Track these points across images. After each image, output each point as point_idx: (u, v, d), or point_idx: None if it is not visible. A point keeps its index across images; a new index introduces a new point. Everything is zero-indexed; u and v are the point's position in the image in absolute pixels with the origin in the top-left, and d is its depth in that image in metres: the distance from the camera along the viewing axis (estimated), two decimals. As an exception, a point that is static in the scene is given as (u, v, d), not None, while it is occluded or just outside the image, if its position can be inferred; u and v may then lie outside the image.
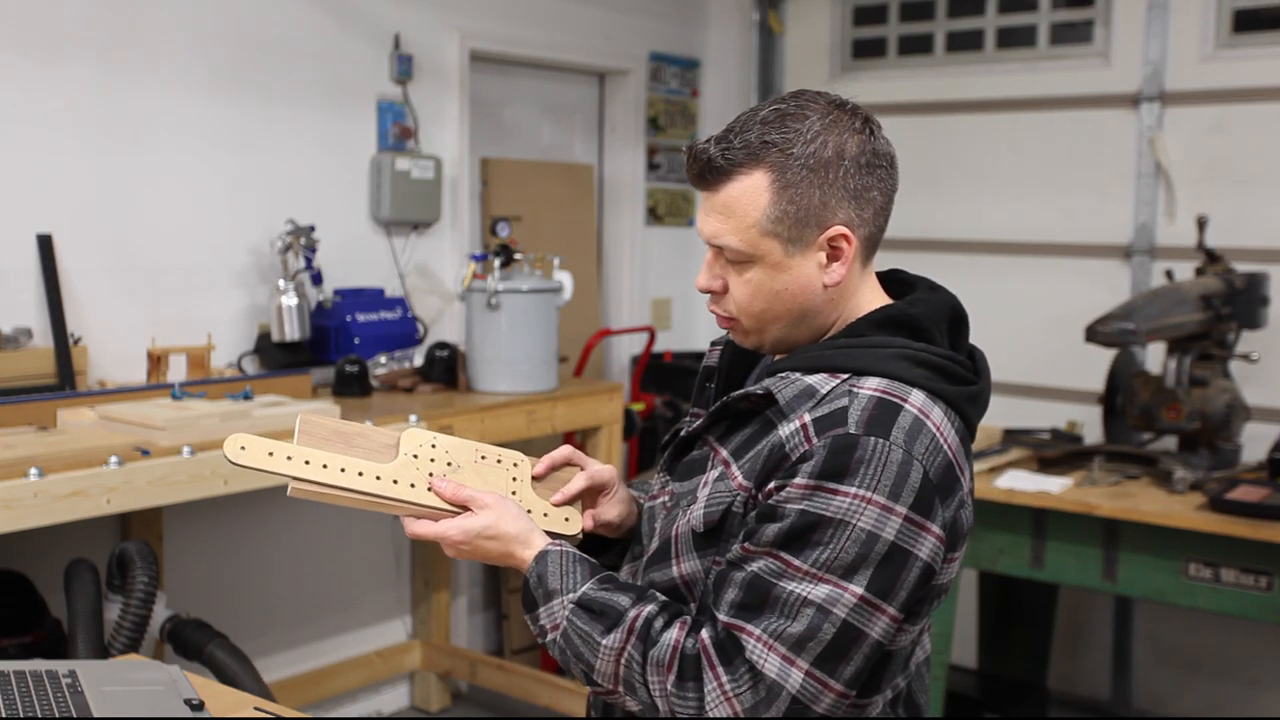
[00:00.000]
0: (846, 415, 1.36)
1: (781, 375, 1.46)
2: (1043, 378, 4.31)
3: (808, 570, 1.34)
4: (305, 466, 1.45)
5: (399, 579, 4.26)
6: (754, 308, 1.46)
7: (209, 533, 3.65)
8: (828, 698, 1.35)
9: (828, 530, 1.33)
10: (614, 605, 1.42)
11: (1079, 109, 4.26)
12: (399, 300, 3.97)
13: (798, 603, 1.33)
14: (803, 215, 1.41)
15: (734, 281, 1.46)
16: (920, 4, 4.65)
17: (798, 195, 1.41)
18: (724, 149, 1.42)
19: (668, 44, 4.99)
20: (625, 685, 1.41)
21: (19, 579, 3.01)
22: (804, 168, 1.40)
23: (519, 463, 1.58)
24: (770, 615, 1.34)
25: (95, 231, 3.37)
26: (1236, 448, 3.53)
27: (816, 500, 1.34)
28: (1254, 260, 3.80)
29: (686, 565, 1.46)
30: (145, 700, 1.65)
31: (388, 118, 4.02)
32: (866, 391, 1.39)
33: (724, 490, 1.43)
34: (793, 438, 1.38)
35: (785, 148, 1.40)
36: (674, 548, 1.47)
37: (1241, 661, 4.07)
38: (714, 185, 1.43)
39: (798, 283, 1.44)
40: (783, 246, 1.42)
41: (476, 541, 1.49)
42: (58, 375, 3.17)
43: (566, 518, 1.57)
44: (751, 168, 1.41)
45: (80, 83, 3.31)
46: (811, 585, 1.33)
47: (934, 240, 4.58)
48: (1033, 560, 3.31)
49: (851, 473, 1.33)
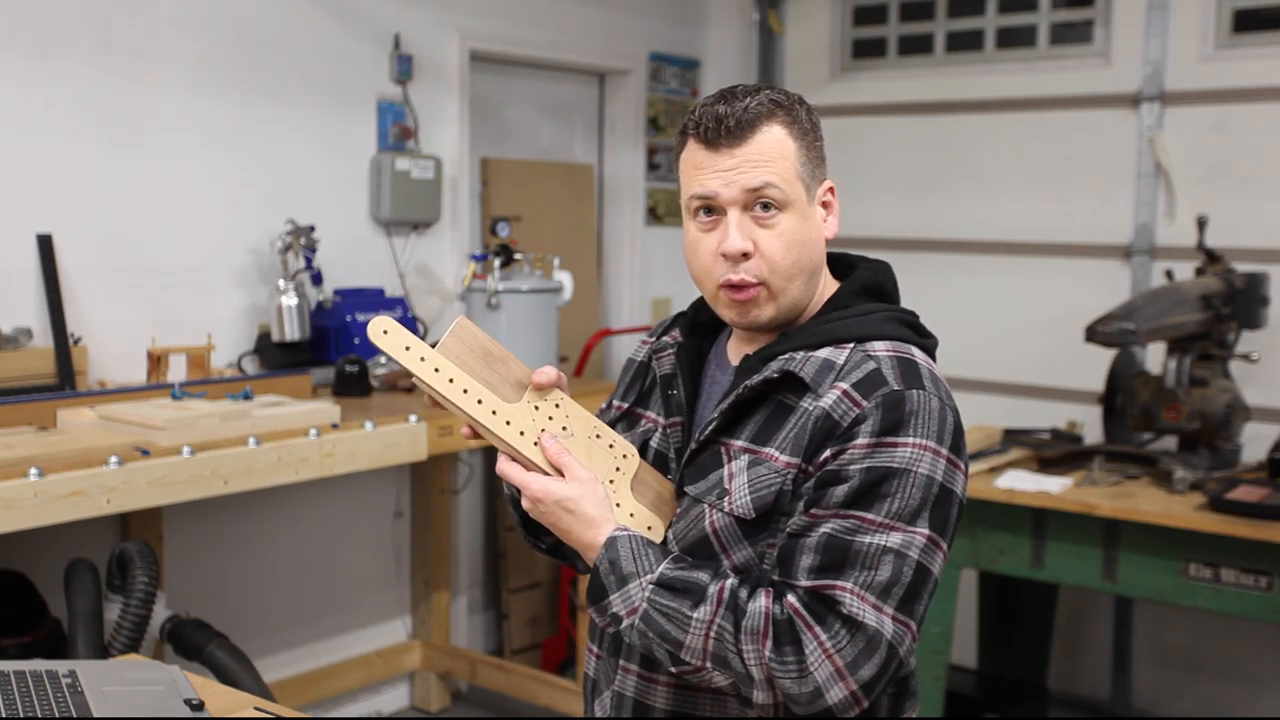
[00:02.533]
0: (883, 375, 1.45)
1: (786, 356, 1.50)
2: (1043, 378, 4.31)
3: (881, 521, 1.40)
4: (434, 374, 1.47)
5: (399, 579, 4.26)
6: (787, 260, 1.49)
7: (209, 533, 3.65)
8: (909, 639, 1.42)
9: (894, 481, 1.41)
10: (696, 581, 1.43)
11: (1079, 109, 4.26)
12: (399, 300, 3.97)
13: (877, 552, 1.39)
14: (814, 168, 1.52)
15: (764, 237, 1.48)
16: (920, 4, 4.65)
17: (809, 147, 1.52)
18: (745, 106, 1.48)
19: (668, 44, 4.99)
20: (715, 659, 1.41)
21: (19, 579, 3.01)
22: (806, 125, 1.52)
23: (629, 455, 1.57)
24: (854, 569, 1.39)
25: (95, 231, 3.37)
26: (1236, 448, 3.53)
27: (880, 455, 1.41)
28: (1254, 260, 3.80)
29: (739, 555, 1.48)
30: (145, 700, 1.65)
31: (388, 118, 4.03)
32: (883, 353, 1.48)
33: (767, 473, 1.46)
34: (838, 406, 1.44)
35: (788, 108, 1.51)
36: (716, 542, 1.48)
37: (1241, 661, 4.07)
38: (741, 138, 1.48)
39: (816, 231, 1.53)
40: (806, 194, 1.51)
41: (553, 507, 1.49)
42: (58, 375, 3.17)
43: (650, 526, 1.56)
44: (771, 121, 1.49)
45: (80, 83, 3.31)
46: (886, 535, 1.40)
47: (934, 240, 4.58)
48: (1033, 560, 3.31)
49: (906, 424, 1.42)
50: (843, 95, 4.81)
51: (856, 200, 4.75)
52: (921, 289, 4.55)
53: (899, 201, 4.67)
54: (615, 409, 1.72)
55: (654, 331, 1.76)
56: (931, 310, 5.11)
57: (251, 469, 2.87)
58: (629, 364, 1.75)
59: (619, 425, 1.69)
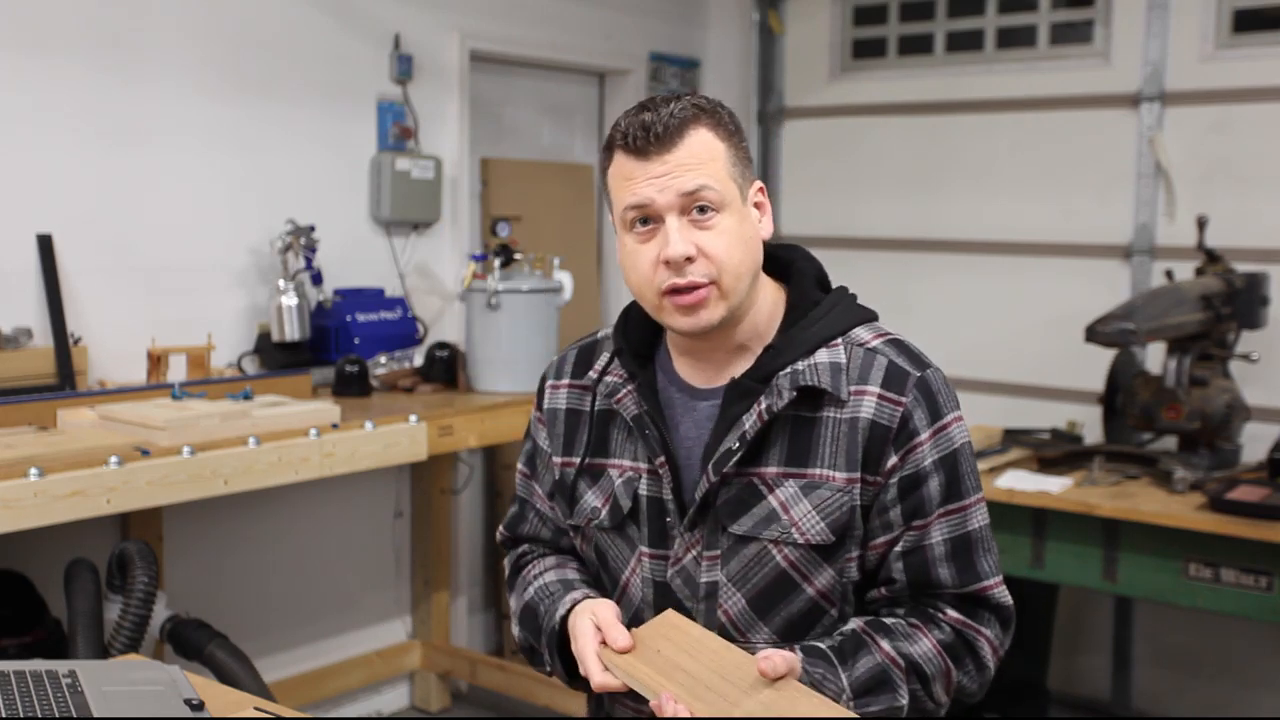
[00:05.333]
0: (898, 365, 1.50)
1: (789, 371, 1.48)
2: (1043, 378, 4.31)
3: (973, 500, 1.52)
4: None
5: (399, 579, 4.26)
6: (734, 257, 1.46)
7: (209, 533, 3.65)
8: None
9: (961, 459, 1.51)
10: (875, 670, 1.45)
11: (1079, 109, 4.26)
12: (399, 300, 3.97)
13: (983, 529, 1.53)
14: (743, 167, 1.51)
15: (706, 239, 1.45)
16: (920, 4, 4.65)
17: (737, 148, 1.50)
18: (670, 112, 1.46)
19: (668, 44, 4.99)
20: (922, 712, 1.50)
21: (19, 579, 3.01)
22: (731, 127, 1.51)
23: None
24: (980, 556, 1.52)
25: (95, 231, 3.37)
26: (1236, 448, 3.53)
27: (941, 441, 1.49)
28: (1254, 260, 3.80)
29: (821, 580, 1.49)
30: (145, 700, 1.65)
31: (388, 118, 4.02)
32: (873, 341, 1.53)
33: (831, 494, 1.47)
34: (881, 410, 1.47)
35: (712, 111, 1.50)
36: (796, 574, 1.48)
37: (1241, 661, 4.06)
38: (670, 144, 1.45)
39: (753, 230, 1.51)
40: (740, 193, 1.49)
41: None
42: (58, 375, 3.17)
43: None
44: (697, 124, 1.47)
45: (80, 83, 3.31)
46: (978, 509, 1.53)
47: (934, 240, 4.58)
48: (1033, 560, 3.31)
49: (941, 404, 1.50)
50: (843, 95, 4.81)
51: (856, 200, 4.75)
52: (921, 289, 4.61)
53: (899, 201, 4.67)
54: (562, 465, 1.62)
55: (560, 373, 1.65)
56: (931, 310, 5.09)
57: (251, 469, 2.87)
58: (553, 415, 1.63)
59: (579, 483, 1.60)
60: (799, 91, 4.95)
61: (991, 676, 1.53)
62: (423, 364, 3.78)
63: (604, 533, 1.58)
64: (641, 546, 1.55)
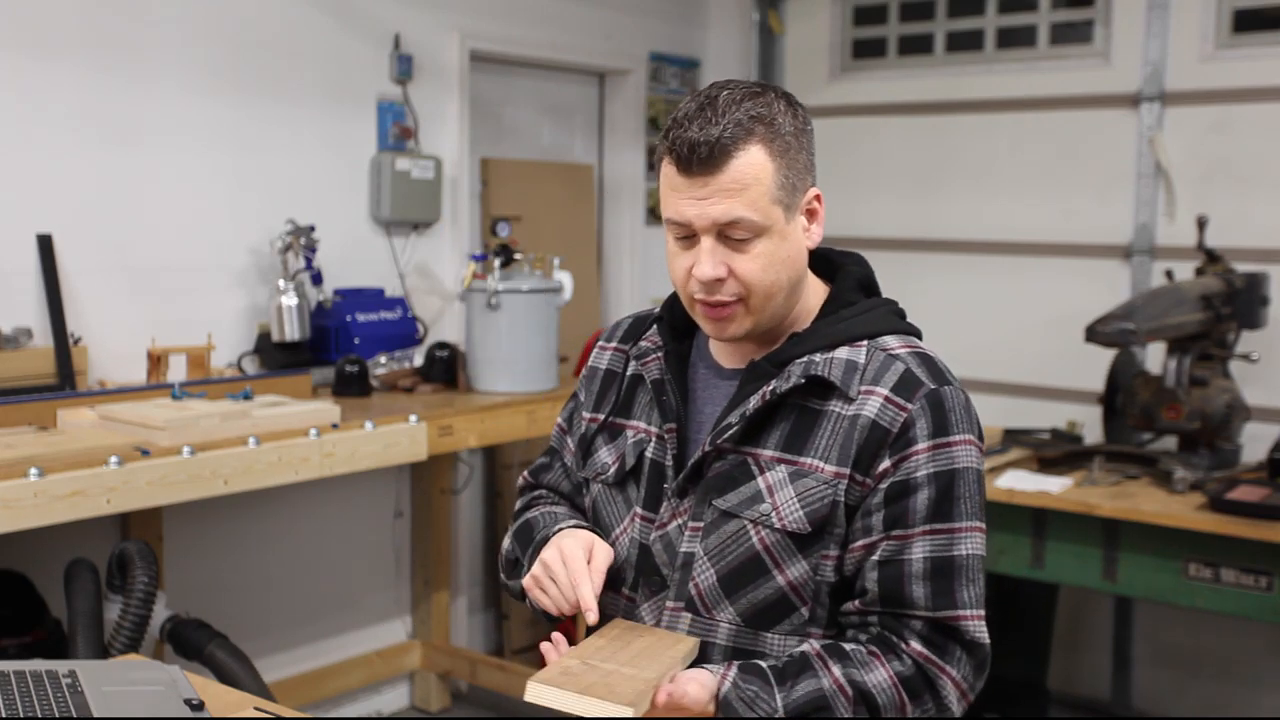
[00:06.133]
0: (915, 374, 1.47)
1: (805, 360, 1.49)
2: (1043, 378, 4.31)
3: (966, 526, 1.46)
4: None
5: (399, 579, 4.26)
6: (766, 280, 1.46)
7: (209, 533, 3.65)
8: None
9: (960, 481, 1.46)
10: (814, 694, 1.41)
11: (1079, 109, 4.26)
12: (399, 300, 3.97)
13: (971, 559, 1.46)
14: (795, 181, 1.48)
15: (740, 262, 1.46)
16: (920, 4, 4.65)
17: (791, 162, 1.47)
18: (722, 129, 1.43)
19: (668, 44, 4.99)
20: None
21: (19, 579, 3.01)
22: (789, 136, 1.47)
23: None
24: (961, 585, 1.44)
25: (95, 231, 3.37)
26: (1236, 448, 3.53)
27: (940, 458, 1.45)
28: (1254, 260, 3.80)
29: (793, 571, 1.48)
30: (145, 700, 1.65)
31: (388, 118, 4.02)
32: (899, 349, 1.50)
33: (816, 485, 1.46)
34: (884, 412, 1.45)
35: (770, 121, 1.45)
36: (769, 559, 1.48)
37: (1241, 661, 4.06)
38: (718, 166, 1.43)
39: (795, 247, 1.50)
40: (784, 214, 1.47)
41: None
42: (58, 375, 3.17)
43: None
44: (748, 143, 1.44)
45: (80, 83, 3.31)
46: (971, 537, 1.46)
47: (934, 240, 4.58)
48: (1033, 560, 3.31)
49: (953, 423, 1.46)
50: (843, 95, 4.81)
51: (856, 200, 4.75)
52: (921, 289, 4.60)
53: (899, 201, 4.67)
54: (589, 421, 1.67)
55: (611, 336, 1.71)
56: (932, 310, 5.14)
57: (251, 469, 2.87)
58: (593, 372, 1.70)
59: (597, 438, 1.65)
60: (799, 91, 4.88)
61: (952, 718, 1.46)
62: (423, 364, 3.78)
63: (607, 488, 1.63)
64: (636, 507, 1.58)
